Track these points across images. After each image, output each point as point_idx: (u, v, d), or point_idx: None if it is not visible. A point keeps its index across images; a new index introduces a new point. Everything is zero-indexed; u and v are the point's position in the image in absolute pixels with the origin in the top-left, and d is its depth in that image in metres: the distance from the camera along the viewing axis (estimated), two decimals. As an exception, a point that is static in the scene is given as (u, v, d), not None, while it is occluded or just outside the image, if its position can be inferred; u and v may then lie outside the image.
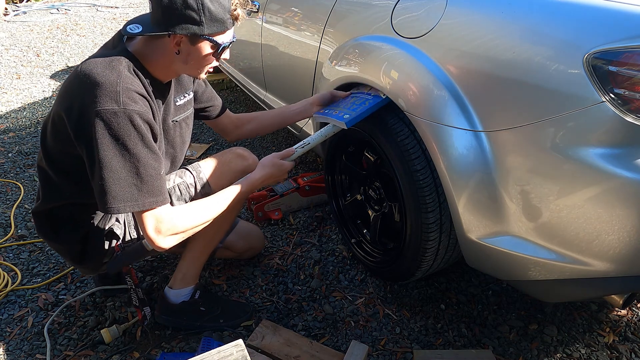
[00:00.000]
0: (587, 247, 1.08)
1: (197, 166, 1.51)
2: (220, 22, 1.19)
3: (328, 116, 1.58)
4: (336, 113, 1.56)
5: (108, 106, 1.11)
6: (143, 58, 1.24)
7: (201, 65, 1.27)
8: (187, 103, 1.48)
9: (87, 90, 1.13)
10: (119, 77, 1.14)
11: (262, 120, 1.76)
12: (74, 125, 1.16)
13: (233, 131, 1.74)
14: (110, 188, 1.15)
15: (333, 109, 1.62)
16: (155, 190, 1.19)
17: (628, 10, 1.00)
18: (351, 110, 1.52)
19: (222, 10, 1.17)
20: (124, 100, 1.13)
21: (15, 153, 2.95)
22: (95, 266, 1.47)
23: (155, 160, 1.19)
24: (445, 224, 1.40)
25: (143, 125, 1.16)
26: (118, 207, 1.16)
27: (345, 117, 1.49)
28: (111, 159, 1.13)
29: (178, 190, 1.47)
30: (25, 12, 6.90)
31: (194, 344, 1.54)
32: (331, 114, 1.58)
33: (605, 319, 1.61)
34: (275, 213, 2.16)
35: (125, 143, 1.14)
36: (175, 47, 1.21)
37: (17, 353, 1.53)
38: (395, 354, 1.49)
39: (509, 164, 1.16)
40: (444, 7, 1.32)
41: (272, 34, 2.32)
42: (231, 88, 4.07)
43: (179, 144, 1.47)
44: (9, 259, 1.98)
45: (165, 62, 1.26)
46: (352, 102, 1.58)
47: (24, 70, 4.57)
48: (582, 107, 1.01)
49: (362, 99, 1.56)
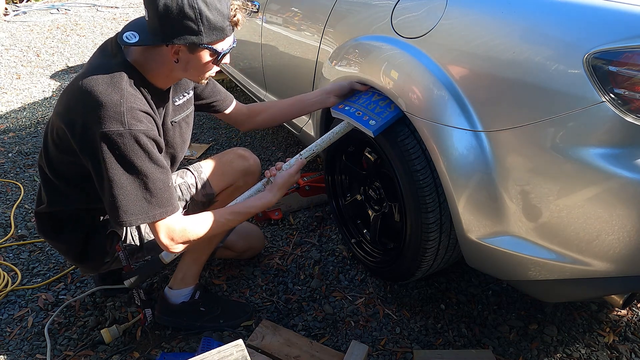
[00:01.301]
0: (587, 247, 1.08)
1: (199, 166, 1.51)
2: (220, 30, 1.16)
3: (351, 117, 1.46)
4: (360, 115, 1.45)
5: (114, 128, 1.11)
6: (143, 68, 1.22)
7: (201, 72, 1.25)
8: (186, 102, 1.47)
9: (90, 110, 1.12)
10: (122, 97, 1.13)
11: (276, 109, 1.70)
12: (78, 140, 1.17)
13: (244, 122, 1.69)
14: (121, 203, 1.16)
15: (353, 106, 1.50)
16: (164, 201, 1.21)
17: (628, 10, 1.00)
18: (376, 114, 1.41)
19: (221, 18, 1.14)
20: (129, 120, 1.12)
21: (15, 153, 2.95)
22: (96, 265, 1.47)
23: (162, 173, 1.21)
24: (445, 224, 1.40)
25: (149, 143, 1.17)
26: (130, 220, 1.18)
27: (371, 123, 1.38)
28: (120, 177, 1.15)
29: (179, 190, 1.47)
30: (25, 12, 6.90)
31: (194, 344, 1.54)
32: (354, 114, 1.46)
33: (605, 319, 1.61)
34: (275, 213, 2.16)
35: (133, 162, 1.14)
36: (173, 56, 1.19)
37: (17, 353, 1.53)
38: (395, 354, 1.49)
39: (509, 164, 1.16)
40: (444, 7, 1.32)
41: (272, 34, 2.32)
42: (231, 88, 4.06)
43: (179, 144, 1.46)
44: (9, 259, 1.97)
45: (164, 71, 1.24)
46: (376, 103, 1.45)
47: (24, 70, 4.57)
48: (582, 107, 1.01)
49: (387, 99, 1.44)
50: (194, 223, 1.27)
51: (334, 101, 1.62)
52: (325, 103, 1.64)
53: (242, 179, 1.58)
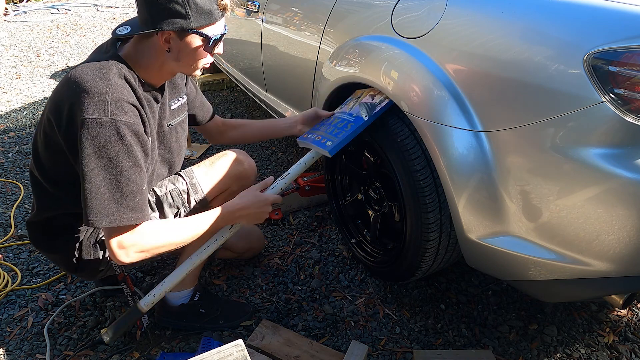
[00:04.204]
0: (587, 247, 1.08)
1: (190, 171, 1.48)
2: (208, 14, 1.15)
3: (311, 142, 1.56)
4: (319, 139, 1.54)
5: (95, 115, 1.09)
6: (135, 62, 1.22)
7: (194, 60, 1.23)
8: (181, 107, 1.46)
9: (76, 98, 1.11)
10: (108, 86, 1.12)
11: (248, 129, 1.75)
12: (63, 131, 1.15)
13: (216, 136, 1.73)
14: (90, 201, 1.11)
15: (315, 133, 1.60)
16: (135, 206, 1.15)
17: (628, 10, 1.00)
18: (333, 135, 1.50)
19: (208, 1, 1.14)
20: (112, 110, 1.11)
21: (15, 153, 2.95)
22: (91, 274, 1.46)
23: (138, 175, 1.16)
24: (445, 224, 1.40)
25: (130, 137, 1.14)
26: (95, 220, 1.12)
27: (328, 144, 1.47)
28: (92, 170, 1.11)
29: (170, 197, 1.42)
30: (25, 12, 6.90)
31: (194, 344, 1.54)
32: (314, 139, 1.56)
33: (605, 319, 1.61)
34: (275, 213, 2.16)
35: (109, 154, 1.11)
36: (164, 44, 1.18)
37: (17, 353, 1.53)
38: (395, 354, 1.49)
39: (509, 164, 1.15)
40: (444, 7, 1.32)
41: (272, 34, 2.32)
42: (231, 88, 4.07)
43: (176, 149, 1.45)
44: (9, 259, 1.98)
45: (157, 63, 1.23)
46: (334, 125, 1.55)
47: (24, 70, 4.57)
48: (582, 107, 1.01)
49: (344, 121, 1.53)
50: (150, 231, 1.19)
51: (300, 129, 1.70)
52: (292, 131, 1.71)
53: (237, 184, 1.53)
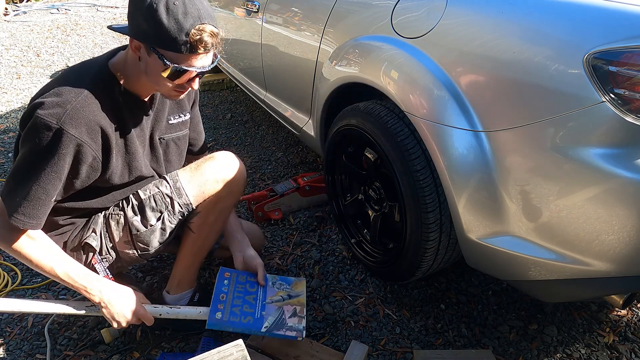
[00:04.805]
0: (587, 247, 1.08)
1: (175, 175, 1.44)
2: (171, 40, 1.06)
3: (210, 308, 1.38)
4: (220, 307, 1.38)
5: (47, 118, 1.10)
6: (120, 72, 1.21)
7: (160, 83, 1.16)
8: (181, 124, 1.45)
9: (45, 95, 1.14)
10: (76, 98, 1.13)
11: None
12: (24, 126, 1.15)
13: None
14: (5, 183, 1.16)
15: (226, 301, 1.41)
16: (31, 212, 1.16)
17: (628, 10, 1.00)
18: (230, 315, 1.37)
19: (175, 28, 1.05)
20: (65, 120, 1.11)
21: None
22: None
23: (53, 187, 1.16)
24: (445, 224, 1.40)
25: (69, 154, 1.13)
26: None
27: (217, 315, 1.36)
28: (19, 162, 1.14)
29: (153, 201, 1.39)
30: (25, 12, 6.90)
31: (194, 344, 1.54)
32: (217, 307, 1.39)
33: (605, 319, 1.61)
34: (275, 213, 2.16)
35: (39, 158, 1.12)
36: (135, 51, 1.14)
37: (17, 353, 1.53)
38: (395, 354, 1.49)
39: (509, 164, 1.15)
40: (444, 7, 1.32)
41: (272, 34, 2.32)
42: (231, 88, 4.07)
43: (163, 163, 1.44)
44: (9, 259, 1.97)
45: (136, 72, 1.20)
46: (240, 307, 1.40)
47: (24, 70, 4.57)
48: (582, 107, 1.01)
49: (248, 316, 1.39)
50: (24, 240, 1.20)
51: (237, 257, 1.56)
52: (231, 247, 1.59)
53: (225, 189, 1.45)
